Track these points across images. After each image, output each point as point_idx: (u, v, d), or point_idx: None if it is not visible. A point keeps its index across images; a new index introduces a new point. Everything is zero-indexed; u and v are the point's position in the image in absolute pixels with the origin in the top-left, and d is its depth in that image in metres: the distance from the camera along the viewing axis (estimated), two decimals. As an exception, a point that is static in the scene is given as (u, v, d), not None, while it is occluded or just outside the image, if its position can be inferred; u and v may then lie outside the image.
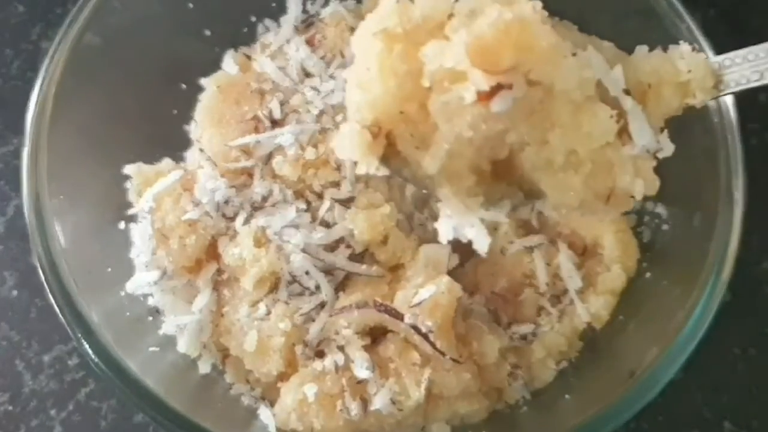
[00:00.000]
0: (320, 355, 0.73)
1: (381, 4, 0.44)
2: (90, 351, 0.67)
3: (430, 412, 0.73)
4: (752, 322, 0.85)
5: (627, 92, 0.43)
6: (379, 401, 0.68)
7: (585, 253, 0.77)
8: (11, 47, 0.97)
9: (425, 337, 0.69)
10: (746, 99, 0.91)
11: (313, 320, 0.73)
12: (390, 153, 0.45)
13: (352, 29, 0.82)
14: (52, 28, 0.98)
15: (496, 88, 0.39)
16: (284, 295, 0.74)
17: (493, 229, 0.74)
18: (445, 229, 0.45)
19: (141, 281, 0.76)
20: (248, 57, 0.87)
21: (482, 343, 0.72)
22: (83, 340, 0.67)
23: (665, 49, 0.46)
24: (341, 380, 0.70)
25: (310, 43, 0.83)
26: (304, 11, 0.87)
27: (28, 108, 0.71)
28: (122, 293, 0.76)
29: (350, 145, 0.44)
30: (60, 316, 0.67)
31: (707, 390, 0.82)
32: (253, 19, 0.88)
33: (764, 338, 0.84)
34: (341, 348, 0.72)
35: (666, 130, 0.45)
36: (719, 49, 0.72)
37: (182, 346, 0.75)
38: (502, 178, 0.44)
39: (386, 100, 0.43)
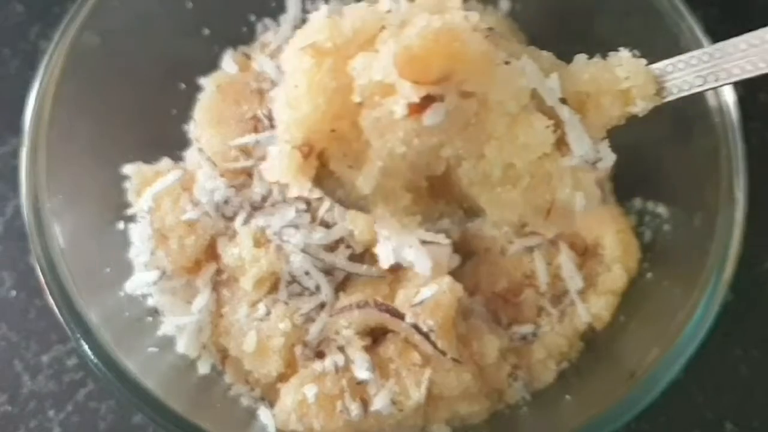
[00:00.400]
0: (320, 355, 0.73)
1: (311, 19, 0.43)
2: (89, 351, 0.66)
3: (431, 412, 0.72)
4: (754, 322, 0.85)
5: (564, 101, 0.42)
6: (379, 402, 0.68)
7: (586, 254, 0.77)
8: (9, 47, 0.97)
9: (426, 336, 0.69)
10: (747, 98, 0.91)
11: (313, 321, 0.73)
12: (323, 173, 0.43)
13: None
14: (50, 28, 0.97)
15: (428, 101, 0.38)
16: (284, 295, 0.74)
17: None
18: (385, 252, 0.44)
19: (140, 281, 0.76)
20: (247, 56, 0.87)
21: (482, 343, 0.71)
22: (82, 341, 0.66)
23: (605, 57, 0.45)
24: (341, 381, 0.70)
25: (309, 42, 0.83)
26: (304, 10, 0.87)
27: (26, 108, 0.71)
28: (121, 293, 0.75)
29: (280, 167, 0.42)
30: (59, 316, 0.67)
31: (708, 391, 0.82)
32: (253, 18, 0.88)
33: (766, 339, 0.84)
34: (341, 348, 0.71)
35: (606, 140, 0.43)
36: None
37: (181, 346, 0.75)
38: (440, 196, 0.42)
39: (316, 118, 0.41)
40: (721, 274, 0.66)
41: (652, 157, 0.77)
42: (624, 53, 0.44)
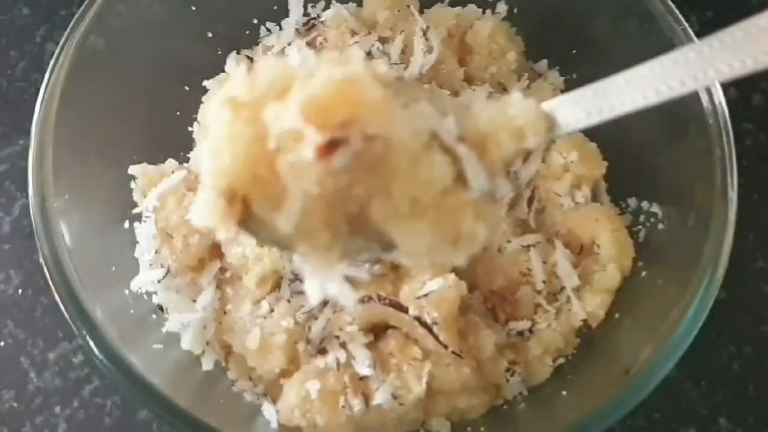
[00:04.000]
0: (322, 352, 0.74)
1: (231, 75, 0.46)
2: (95, 348, 0.67)
3: (431, 407, 0.74)
4: (747, 320, 0.86)
5: (461, 140, 0.45)
6: (380, 396, 0.69)
7: (581, 252, 0.78)
8: (16, 49, 0.98)
9: (429, 329, 0.70)
10: (740, 100, 0.92)
11: (316, 318, 0.74)
12: (247, 216, 0.45)
13: (354, 32, 0.83)
14: (56, 30, 0.99)
15: (335, 145, 0.41)
16: (286, 293, 0.75)
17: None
18: (312, 288, 0.47)
19: (145, 279, 0.77)
20: (250, 59, 0.88)
21: (479, 338, 0.73)
22: (88, 338, 0.67)
23: (501, 96, 0.49)
24: (343, 377, 0.71)
25: (311, 45, 0.84)
26: (306, 14, 0.88)
27: (33, 109, 0.72)
28: (127, 291, 0.76)
29: (205, 214, 0.45)
30: (65, 313, 0.68)
31: (703, 387, 0.83)
32: (255, 21, 0.89)
33: (759, 336, 0.85)
34: (343, 345, 0.72)
35: (503, 173, 0.47)
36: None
37: (186, 343, 0.76)
38: (357, 232, 0.45)
39: (237, 165, 0.44)
40: (715, 272, 0.66)
41: (647, 158, 0.78)
42: (516, 94, 0.48)
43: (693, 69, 0.44)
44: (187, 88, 0.86)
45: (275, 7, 0.88)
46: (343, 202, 0.44)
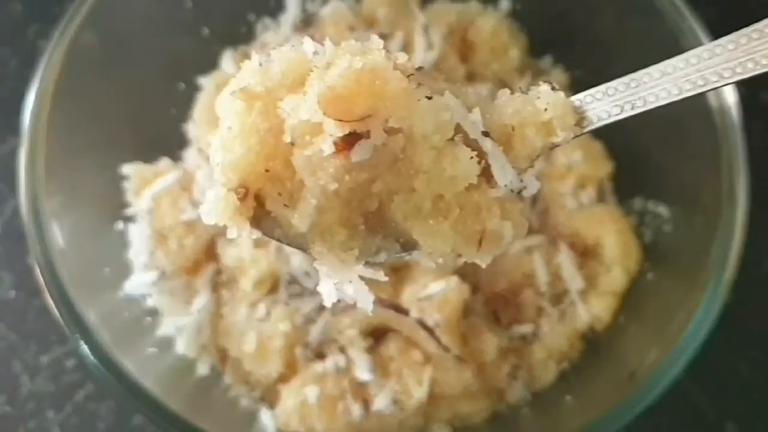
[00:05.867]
0: (321, 356, 0.73)
1: (243, 67, 0.45)
2: (88, 351, 0.66)
3: (432, 412, 0.73)
4: (755, 323, 0.84)
5: (487, 134, 0.43)
6: (380, 401, 0.69)
7: (586, 254, 0.77)
8: (8, 46, 0.97)
9: (431, 331, 0.69)
10: (749, 98, 0.91)
11: (314, 321, 0.73)
12: (260, 214, 0.44)
13: (352, 28, 0.82)
14: (49, 27, 0.97)
15: (355, 138, 0.40)
16: (284, 296, 0.74)
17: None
18: (327, 290, 0.45)
19: (139, 282, 0.76)
20: (247, 56, 0.86)
21: (481, 341, 0.72)
22: (81, 341, 0.66)
23: (526, 92, 0.47)
24: (342, 382, 0.70)
25: (309, 42, 0.82)
26: (303, 10, 0.86)
27: (25, 107, 0.71)
28: (120, 294, 0.75)
29: (216, 210, 0.43)
30: (58, 316, 0.67)
31: (710, 392, 0.82)
32: (252, 17, 0.88)
33: (767, 340, 0.84)
34: (342, 349, 0.71)
35: (531, 169, 0.45)
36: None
37: (181, 347, 0.75)
38: (376, 231, 0.44)
39: (250, 159, 0.42)
40: (722, 274, 0.65)
41: (653, 157, 0.77)
42: (544, 86, 0.46)
43: (731, 61, 0.42)
44: (182, 86, 0.85)
45: (272, 3, 0.87)
46: (362, 199, 0.42)
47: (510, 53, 0.84)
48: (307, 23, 0.85)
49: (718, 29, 0.97)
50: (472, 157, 0.42)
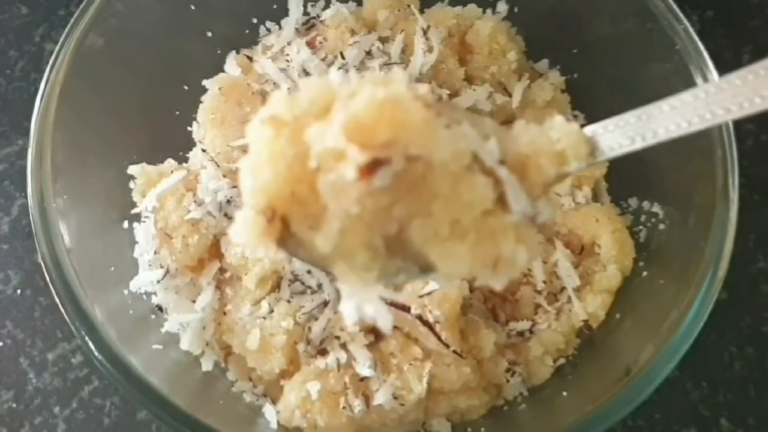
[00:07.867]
0: (322, 353, 0.74)
1: (272, 96, 0.47)
2: (94, 348, 0.67)
3: (431, 407, 0.74)
4: (748, 320, 0.86)
5: (503, 163, 0.45)
6: (381, 397, 0.69)
7: (582, 252, 0.78)
8: (15, 48, 0.98)
9: (431, 328, 0.70)
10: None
11: (316, 318, 0.74)
12: (286, 235, 0.46)
13: (353, 31, 0.83)
14: (55, 30, 0.99)
15: (376, 164, 0.41)
16: (286, 293, 0.75)
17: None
18: (349, 310, 0.47)
19: (144, 280, 0.77)
20: (250, 59, 0.88)
21: (479, 337, 0.73)
22: (87, 338, 0.67)
23: (542, 122, 0.48)
24: (344, 378, 0.71)
25: (311, 45, 0.84)
26: (305, 13, 0.87)
27: (32, 109, 0.72)
28: (126, 292, 0.76)
29: (245, 231, 0.45)
30: (64, 314, 0.68)
31: (704, 388, 0.83)
32: (255, 21, 0.89)
33: (761, 337, 0.85)
34: (343, 345, 0.72)
35: (545, 196, 0.47)
36: (717, 51, 0.73)
37: (185, 343, 0.76)
38: (396, 253, 0.45)
39: (277, 183, 0.44)
40: (716, 272, 0.66)
41: (648, 158, 0.77)
42: (558, 118, 0.47)
43: (737, 96, 0.43)
44: (186, 88, 0.85)
45: (275, 7, 0.88)
46: (383, 223, 0.44)
47: (508, 56, 0.85)
48: (309, 27, 0.86)
49: (714, 31, 0.98)
50: (487, 184, 0.43)
